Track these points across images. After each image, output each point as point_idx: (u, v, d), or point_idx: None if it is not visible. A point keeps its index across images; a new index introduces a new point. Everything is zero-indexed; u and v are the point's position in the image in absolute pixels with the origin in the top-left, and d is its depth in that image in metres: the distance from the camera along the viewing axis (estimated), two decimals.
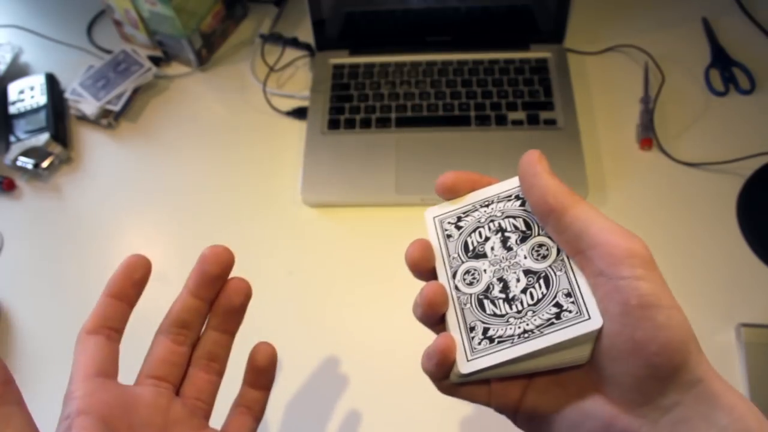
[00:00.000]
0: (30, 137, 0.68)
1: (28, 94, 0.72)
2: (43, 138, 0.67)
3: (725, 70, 0.69)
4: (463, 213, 0.30)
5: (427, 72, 0.70)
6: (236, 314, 0.32)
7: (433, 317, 0.28)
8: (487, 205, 0.29)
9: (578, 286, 0.25)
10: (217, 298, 0.32)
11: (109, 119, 0.71)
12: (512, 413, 0.28)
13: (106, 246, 0.64)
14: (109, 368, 0.29)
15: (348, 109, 0.68)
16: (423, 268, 0.29)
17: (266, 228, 0.63)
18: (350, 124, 0.67)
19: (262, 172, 0.67)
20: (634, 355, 0.22)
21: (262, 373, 0.32)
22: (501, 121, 0.65)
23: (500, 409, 0.28)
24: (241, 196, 0.66)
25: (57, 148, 0.68)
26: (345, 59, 0.72)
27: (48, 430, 0.58)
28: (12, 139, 0.68)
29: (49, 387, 0.56)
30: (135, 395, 0.29)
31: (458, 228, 0.29)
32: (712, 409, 0.22)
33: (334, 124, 0.67)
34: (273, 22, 0.80)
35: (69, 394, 0.27)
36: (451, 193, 0.30)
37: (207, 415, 0.31)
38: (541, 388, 0.27)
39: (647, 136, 0.65)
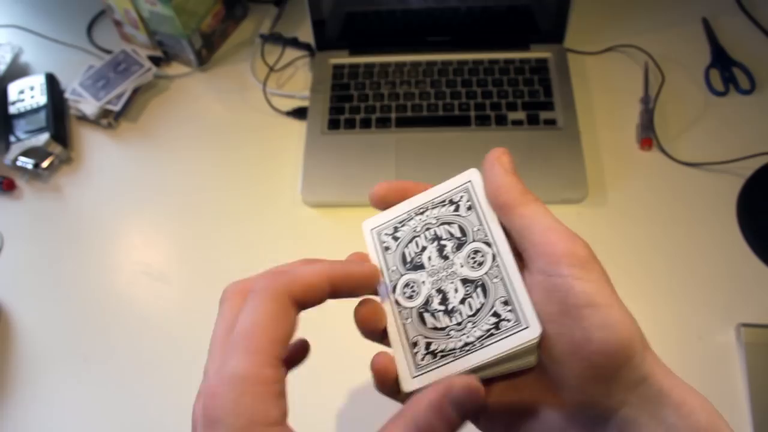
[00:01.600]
0: (30, 137, 0.68)
1: (28, 94, 0.72)
2: (43, 138, 0.67)
3: (725, 70, 0.69)
4: (399, 223, 0.29)
5: (427, 72, 0.70)
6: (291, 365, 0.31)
7: (373, 333, 0.28)
8: (422, 212, 0.29)
9: (515, 293, 0.25)
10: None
11: (109, 119, 0.71)
12: (474, 418, 0.28)
13: (106, 246, 0.64)
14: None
15: (348, 109, 0.68)
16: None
17: (266, 228, 0.63)
18: (350, 124, 0.67)
19: (262, 172, 0.67)
20: (575, 355, 0.22)
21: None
22: (501, 121, 0.65)
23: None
24: (241, 196, 0.66)
25: (57, 148, 0.68)
26: (345, 59, 0.72)
27: (47, 429, 0.59)
28: (12, 139, 0.68)
29: (48, 387, 0.56)
30: None
31: (395, 239, 0.29)
32: (659, 407, 0.22)
33: (334, 124, 0.67)
34: (273, 22, 0.80)
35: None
36: (384, 203, 0.30)
37: None
38: (498, 393, 0.26)
39: (647, 136, 0.65)
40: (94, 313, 0.59)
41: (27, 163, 0.67)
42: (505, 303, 0.25)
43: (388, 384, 0.26)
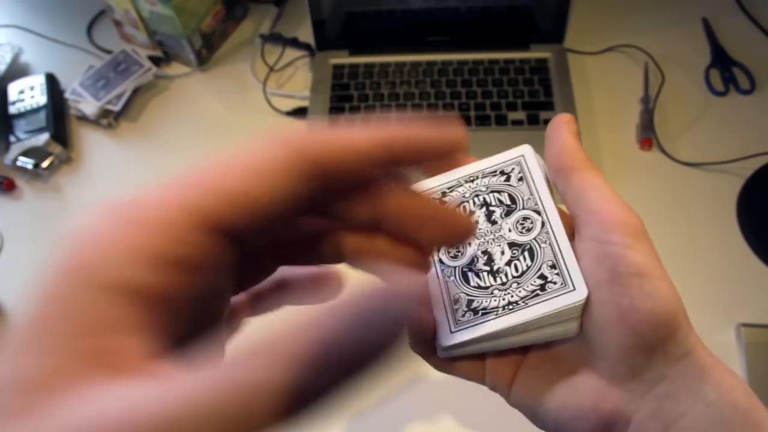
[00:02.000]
0: (30, 137, 0.68)
1: (28, 94, 0.72)
2: (43, 138, 0.67)
3: (725, 70, 0.69)
4: (448, 188, 0.29)
5: (427, 72, 0.70)
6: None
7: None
8: (471, 180, 0.29)
9: (563, 258, 0.25)
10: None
11: (109, 119, 0.71)
12: (506, 391, 0.27)
13: None
14: None
15: (348, 109, 0.68)
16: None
17: None
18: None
19: None
20: (620, 323, 0.22)
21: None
22: (501, 121, 0.65)
23: (494, 387, 0.28)
24: None
25: (57, 148, 0.68)
26: (345, 59, 0.72)
27: None
28: (12, 139, 0.68)
29: None
30: None
31: (443, 203, 0.29)
32: (699, 383, 0.22)
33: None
34: (273, 22, 0.80)
35: None
36: (432, 169, 0.29)
37: None
38: (533, 364, 0.26)
39: (647, 136, 0.65)
40: None
41: (27, 163, 0.67)
42: (552, 267, 0.25)
43: (423, 339, 0.25)
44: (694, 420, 0.22)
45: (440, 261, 0.27)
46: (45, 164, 0.67)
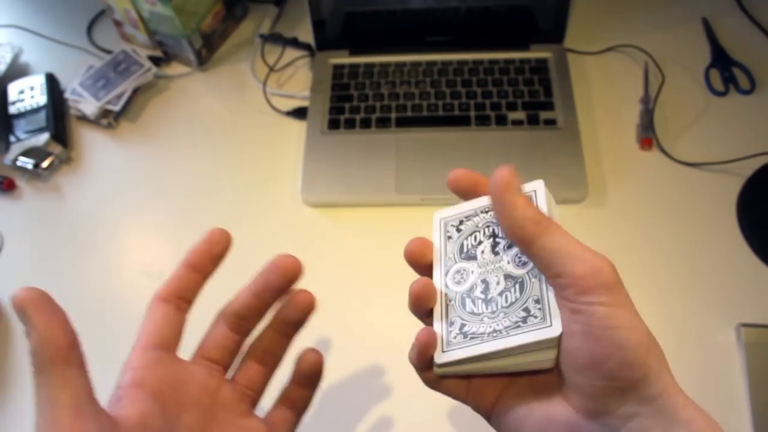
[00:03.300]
0: (30, 137, 0.68)
1: (28, 94, 0.72)
2: (43, 138, 0.67)
3: (725, 70, 0.69)
4: (465, 217, 0.32)
5: (427, 72, 0.70)
6: (298, 324, 0.34)
7: (421, 310, 0.30)
8: (486, 212, 0.32)
9: (547, 296, 0.27)
10: (283, 306, 0.34)
11: (109, 119, 0.71)
12: (487, 413, 0.30)
13: (106, 246, 0.64)
14: (171, 339, 0.30)
15: (348, 109, 0.68)
16: (418, 262, 0.31)
17: (266, 228, 0.63)
18: (350, 124, 0.67)
19: (262, 172, 0.67)
20: (593, 369, 0.24)
21: (307, 377, 0.34)
22: (501, 121, 0.65)
23: (476, 408, 0.30)
24: (241, 196, 0.66)
25: (57, 148, 0.68)
26: (345, 59, 0.72)
27: None
28: (12, 139, 0.68)
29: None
30: (189, 373, 0.30)
31: (458, 231, 0.32)
32: (671, 422, 0.23)
33: (334, 124, 0.67)
34: (273, 22, 0.80)
35: (128, 363, 0.29)
36: (456, 186, 0.32)
37: (254, 403, 0.33)
38: (515, 393, 0.29)
39: (647, 136, 0.65)
40: (94, 313, 0.59)
41: (27, 163, 0.67)
42: (536, 301, 0.27)
43: (425, 357, 0.29)
44: None
45: (446, 285, 0.31)
46: (45, 164, 0.67)
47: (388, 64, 0.71)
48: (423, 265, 0.32)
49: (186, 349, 0.33)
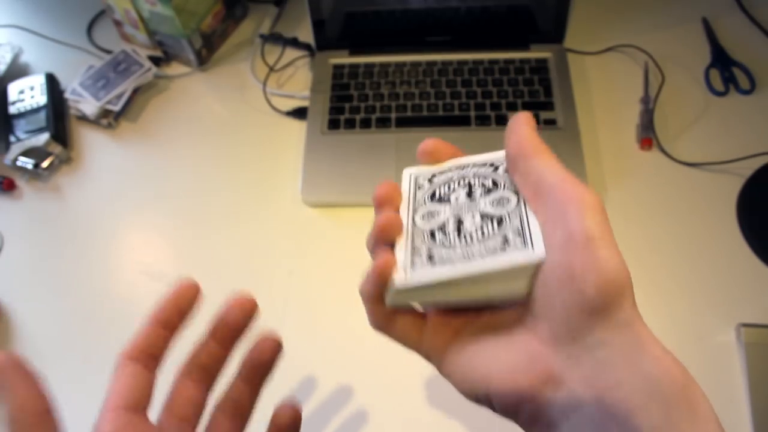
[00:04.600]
0: (30, 137, 0.68)
1: (28, 94, 0.72)
2: (43, 138, 0.67)
3: (725, 70, 0.69)
4: (439, 172, 0.30)
5: (427, 72, 0.70)
6: (265, 371, 0.32)
7: (381, 244, 0.28)
8: (462, 168, 0.30)
9: (528, 226, 0.25)
10: (250, 352, 0.32)
11: (109, 119, 0.71)
12: (439, 358, 0.28)
13: (106, 246, 0.64)
14: (141, 400, 0.28)
15: (348, 109, 0.68)
16: (386, 206, 0.29)
17: (266, 228, 0.63)
18: (350, 124, 0.67)
19: (262, 172, 0.67)
20: (569, 283, 0.23)
21: (285, 429, 0.32)
22: (501, 121, 0.65)
23: (428, 354, 0.28)
24: (241, 196, 0.66)
25: (57, 148, 0.68)
26: (345, 59, 0.72)
27: None
28: (12, 139, 0.68)
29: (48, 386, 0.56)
30: None
31: (430, 182, 0.30)
32: (638, 354, 0.22)
33: (334, 124, 0.67)
34: (273, 22, 0.80)
35: (97, 426, 0.28)
36: (431, 157, 0.31)
37: None
38: (472, 331, 0.27)
39: (647, 136, 0.65)
40: (94, 313, 0.59)
41: (27, 163, 0.67)
42: (517, 232, 0.25)
43: (380, 284, 0.26)
44: (630, 390, 0.21)
45: (413, 222, 0.28)
46: (45, 164, 0.67)
47: (388, 64, 0.71)
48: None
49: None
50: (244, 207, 0.65)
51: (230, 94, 0.74)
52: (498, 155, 0.30)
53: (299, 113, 0.70)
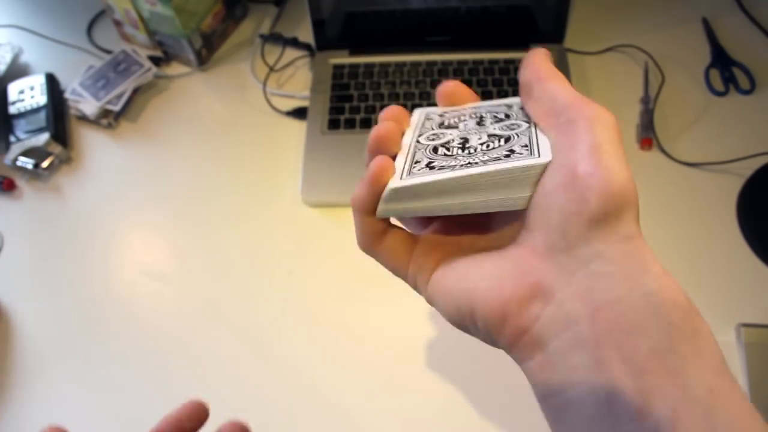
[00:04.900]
0: (30, 137, 0.68)
1: (28, 94, 0.72)
2: (43, 138, 0.67)
3: (725, 70, 0.69)
4: (451, 110, 0.29)
5: (427, 72, 0.70)
6: None
7: (377, 154, 0.26)
8: (476, 108, 0.29)
9: (537, 140, 0.24)
10: None
11: (109, 119, 0.71)
12: (425, 280, 0.26)
13: (106, 246, 0.64)
14: None
15: (348, 109, 0.68)
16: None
17: (266, 228, 0.63)
18: (350, 124, 0.67)
19: (262, 172, 0.67)
20: (570, 187, 0.21)
21: None
22: None
23: (415, 278, 0.27)
24: (241, 196, 0.66)
25: (57, 148, 0.68)
26: (345, 59, 0.72)
27: None
28: (12, 139, 0.68)
29: (48, 387, 0.56)
30: None
31: (441, 116, 0.29)
32: (639, 271, 0.20)
33: (334, 124, 0.67)
34: (273, 22, 0.80)
35: None
36: (449, 100, 0.29)
37: None
38: (463, 249, 0.26)
39: (647, 136, 0.65)
40: (94, 313, 0.59)
41: (27, 163, 0.67)
42: (524, 146, 0.24)
43: (375, 189, 0.25)
44: (629, 308, 0.20)
45: (417, 141, 0.27)
46: (45, 164, 0.67)
47: (388, 64, 0.71)
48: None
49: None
50: (244, 207, 0.65)
51: (230, 94, 0.74)
52: (513, 99, 0.29)
53: (299, 113, 0.70)
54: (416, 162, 0.25)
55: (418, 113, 0.30)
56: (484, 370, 0.53)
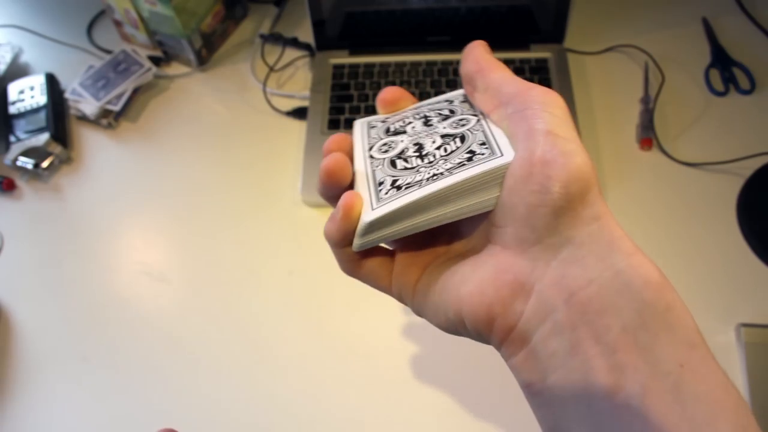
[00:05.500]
0: (30, 137, 0.68)
1: (28, 94, 0.72)
2: (43, 138, 0.67)
3: (725, 70, 0.69)
4: (393, 115, 0.29)
5: (427, 72, 0.70)
6: None
7: (332, 188, 0.26)
8: (416, 108, 0.29)
9: (493, 136, 0.24)
10: None
11: (109, 119, 0.71)
12: (411, 296, 0.27)
13: (106, 246, 0.64)
14: None
15: (348, 109, 0.68)
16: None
17: (266, 228, 0.63)
18: (350, 124, 0.67)
19: (262, 172, 0.67)
20: (531, 177, 0.21)
21: None
22: None
23: (400, 293, 0.27)
24: (241, 196, 0.66)
25: (57, 148, 0.68)
26: (345, 59, 0.72)
27: (46, 429, 0.59)
28: (12, 139, 0.68)
29: (48, 387, 0.56)
30: None
31: (384, 122, 0.29)
32: (608, 250, 0.21)
33: (334, 124, 0.67)
34: (273, 22, 0.80)
35: None
36: (392, 107, 0.30)
37: None
38: (439, 263, 0.26)
39: (647, 136, 0.65)
40: (94, 313, 0.59)
41: (27, 163, 0.67)
42: (482, 144, 0.24)
43: (348, 224, 0.25)
44: (601, 288, 0.20)
45: (370, 157, 0.27)
46: (45, 164, 0.67)
47: (388, 64, 0.71)
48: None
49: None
50: (244, 207, 0.65)
51: (230, 95, 0.74)
52: (452, 93, 0.29)
53: (299, 113, 0.70)
54: (380, 184, 0.25)
55: (359, 125, 0.30)
56: (484, 371, 0.53)
